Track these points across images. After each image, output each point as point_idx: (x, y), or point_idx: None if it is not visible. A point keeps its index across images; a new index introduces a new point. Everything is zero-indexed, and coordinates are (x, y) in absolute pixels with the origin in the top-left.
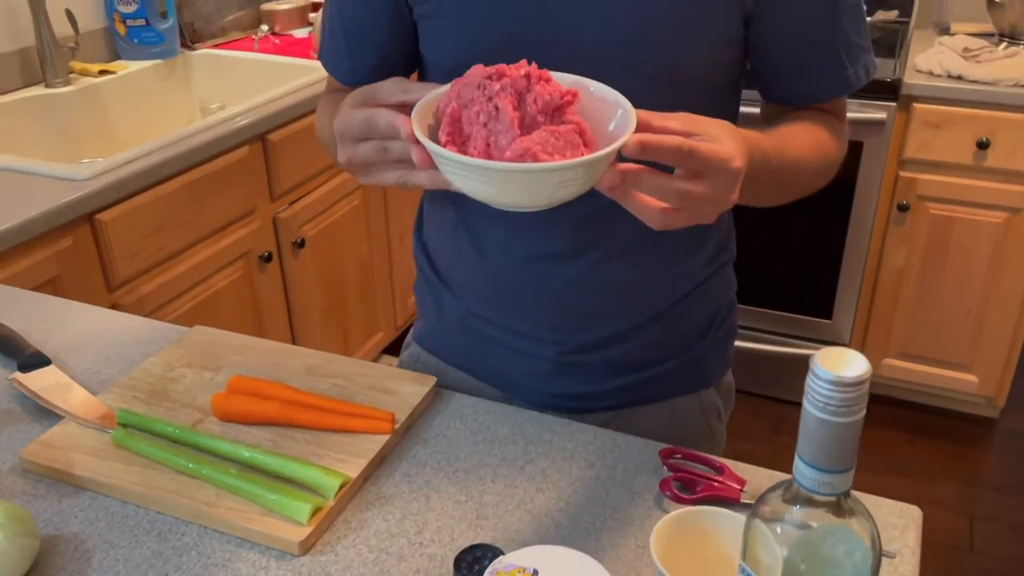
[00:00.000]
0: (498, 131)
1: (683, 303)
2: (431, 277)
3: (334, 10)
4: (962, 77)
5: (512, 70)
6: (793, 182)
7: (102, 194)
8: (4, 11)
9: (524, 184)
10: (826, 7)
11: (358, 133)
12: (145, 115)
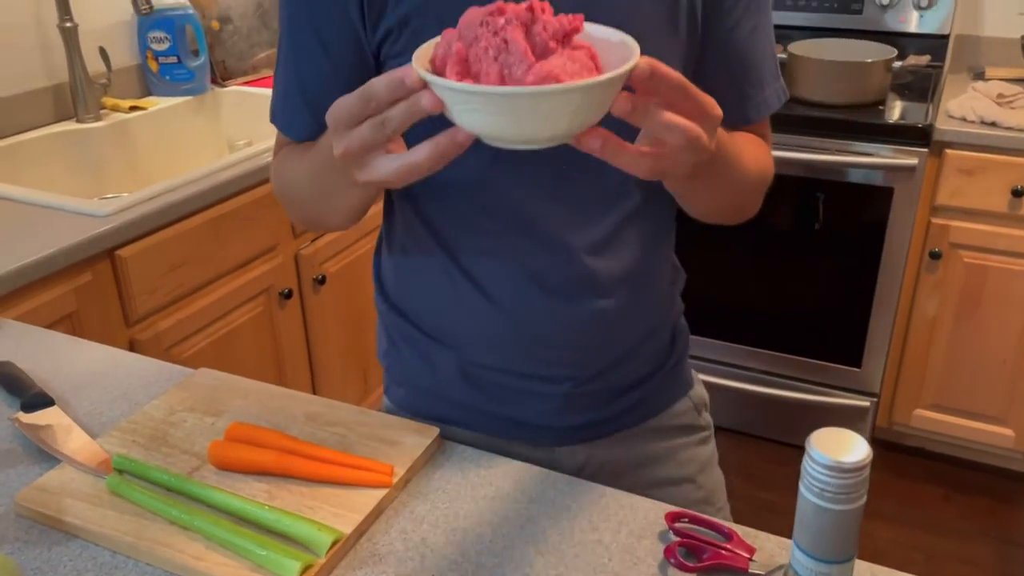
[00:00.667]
0: (511, 63)
1: (663, 318)
2: (414, 336)
3: (289, 69)
4: (996, 124)
5: (512, 5)
6: (742, 177)
7: (123, 230)
8: (39, 47)
9: (551, 106)
10: (747, 33)
11: (352, 114)
12: (173, 151)
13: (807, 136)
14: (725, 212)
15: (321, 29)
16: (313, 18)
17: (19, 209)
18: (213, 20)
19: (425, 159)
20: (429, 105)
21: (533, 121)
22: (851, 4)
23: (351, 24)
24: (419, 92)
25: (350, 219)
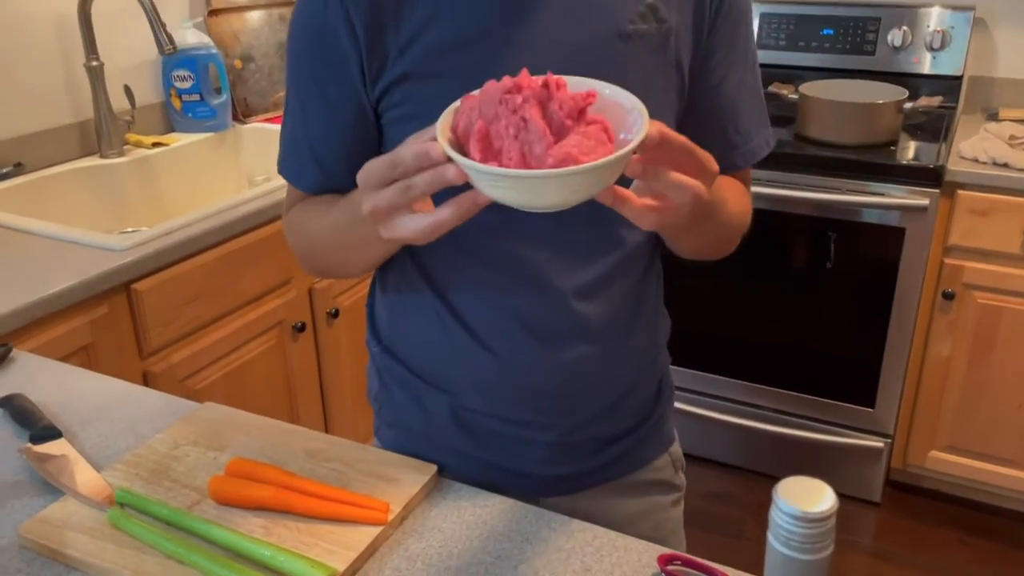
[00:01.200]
0: (530, 141)
1: (649, 369)
2: (407, 378)
3: (298, 125)
4: (1008, 165)
5: (529, 81)
6: (726, 221)
7: (140, 264)
8: (67, 85)
9: (568, 185)
10: (733, 86)
11: (382, 176)
12: (194, 185)
13: (819, 176)
14: (706, 252)
15: (324, 86)
16: (317, 76)
17: (40, 243)
18: (236, 59)
19: (449, 217)
20: (454, 177)
21: (552, 195)
22: (864, 46)
23: (352, 82)
24: (444, 165)
25: (369, 268)
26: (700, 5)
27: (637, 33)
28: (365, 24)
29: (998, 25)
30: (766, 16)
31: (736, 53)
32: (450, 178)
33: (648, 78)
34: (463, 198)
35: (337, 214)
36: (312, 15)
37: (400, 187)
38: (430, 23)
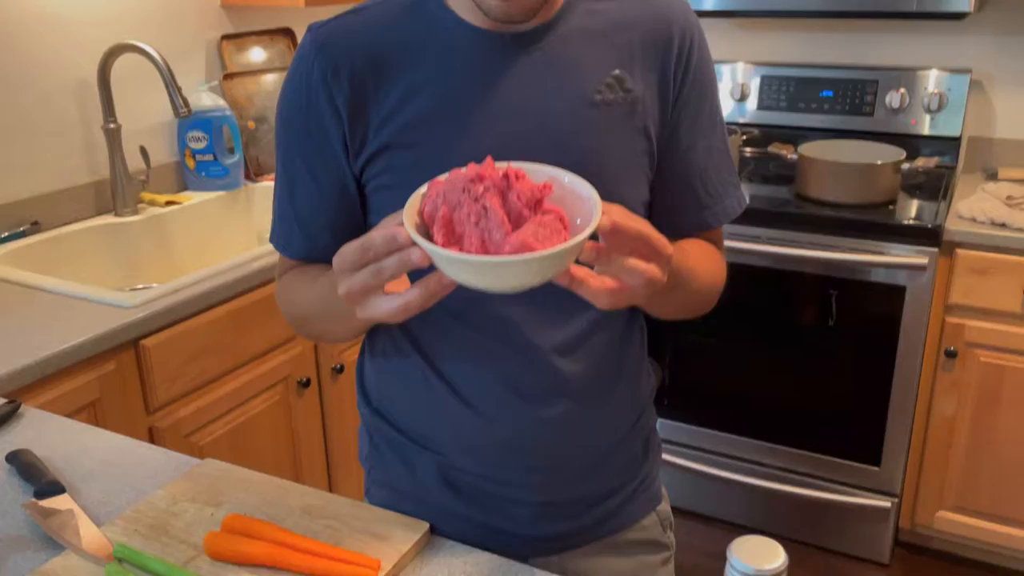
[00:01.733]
0: (490, 228)
1: (634, 426)
2: (396, 439)
3: (284, 195)
4: (1006, 225)
5: (491, 171)
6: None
7: (149, 320)
8: (85, 146)
9: (525, 270)
10: (702, 151)
11: (354, 260)
12: (205, 243)
13: (820, 234)
14: (680, 315)
15: (309, 160)
16: (302, 151)
17: (52, 300)
18: (249, 120)
19: (416, 299)
20: (419, 260)
21: (510, 279)
22: (862, 107)
23: (336, 156)
24: (410, 249)
25: (356, 335)
26: (664, 77)
27: (605, 102)
28: (347, 102)
29: (995, 87)
30: (766, 78)
31: (702, 120)
32: (415, 261)
33: (618, 143)
34: (429, 280)
35: (320, 288)
36: (297, 95)
37: (371, 270)
38: (409, 96)
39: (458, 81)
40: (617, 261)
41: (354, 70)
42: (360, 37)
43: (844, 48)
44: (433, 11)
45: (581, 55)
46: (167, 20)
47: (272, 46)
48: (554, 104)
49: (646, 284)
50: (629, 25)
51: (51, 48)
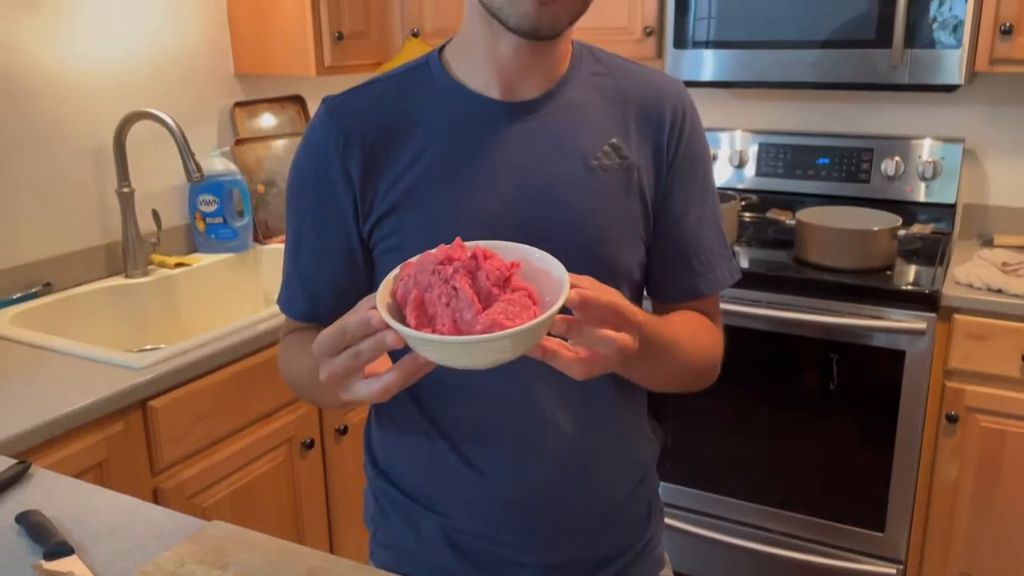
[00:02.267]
0: (460, 308)
1: (636, 489)
2: (401, 501)
3: (291, 259)
4: (1002, 291)
5: (459, 252)
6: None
7: (156, 382)
8: (98, 209)
9: (496, 348)
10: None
11: (332, 345)
12: (214, 304)
13: (819, 299)
14: (673, 386)
15: (319, 224)
16: (313, 215)
17: (63, 360)
18: (259, 184)
19: (395, 380)
20: (393, 343)
21: (482, 357)
22: (859, 174)
23: (345, 221)
24: (384, 332)
25: (344, 407)
26: (658, 147)
27: (602, 167)
28: (359, 169)
29: (988, 156)
30: (764, 146)
31: (694, 190)
32: (389, 343)
33: (615, 207)
34: (406, 361)
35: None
36: (310, 162)
37: (349, 354)
38: (415, 160)
39: (462, 145)
40: (588, 332)
41: (365, 140)
42: (371, 108)
43: (839, 117)
44: (439, 81)
45: (580, 124)
46: (183, 88)
47: (283, 112)
48: (554, 168)
49: (618, 352)
50: (625, 98)
51: (70, 114)
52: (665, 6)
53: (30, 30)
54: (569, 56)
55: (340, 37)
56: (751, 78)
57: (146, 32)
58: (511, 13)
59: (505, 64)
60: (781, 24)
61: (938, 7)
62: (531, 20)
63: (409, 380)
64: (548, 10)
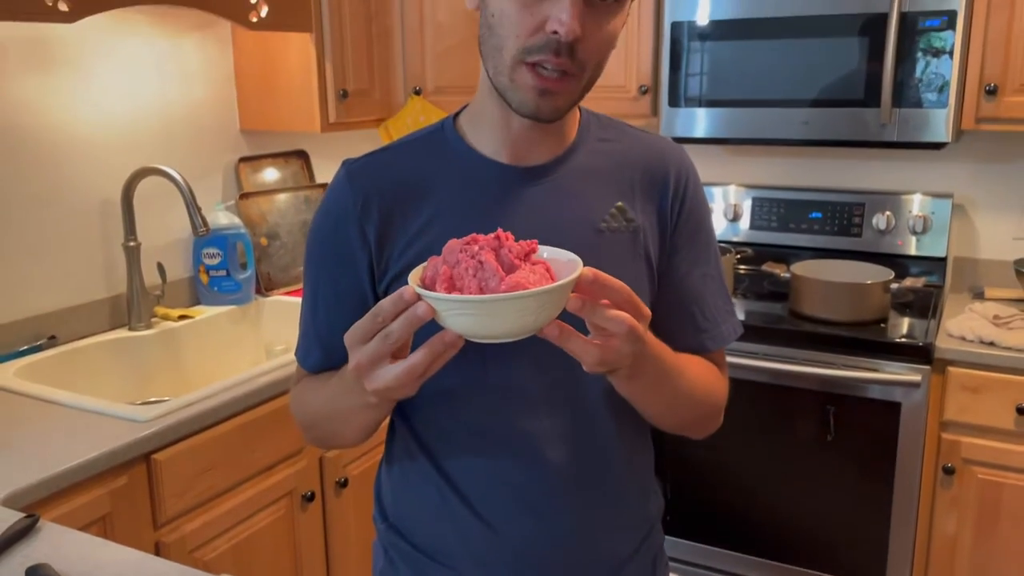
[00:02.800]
0: (486, 277)
1: (642, 544)
2: (411, 554)
3: (308, 313)
4: (994, 343)
5: (483, 236)
6: (687, 388)
7: (160, 435)
8: (104, 263)
9: (519, 307)
10: (698, 279)
11: (365, 330)
12: (215, 356)
13: (814, 351)
14: (677, 420)
15: (336, 283)
16: (330, 274)
17: (68, 414)
18: (262, 237)
19: (420, 360)
20: (423, 313)
21: (506, 319)
22: (851, 228)
23: (360, 279)
24: (415, 303)
25: (362, 436)
26: (662, 210)
27: (609, 229)
28: (376, 231)
29: (976, 211)
30: (758, 200)
31: (698, 249)
32: (420, 314)
33: (622, 267)
34: (433, 339)
35: (332, 386)
36: (329, 222)
37: (380, 336)
38: (430, 222)
39: (475, 208)
40: (600, 310)
41: (383, 202)
42: (388, 172)
43: (831, 172)
44: (453, 145)
45: (587, 188)
46: (189, 144)
47: (286, 167)
48: (563, 230)
49: (628, 335)
50: (630, 163)
51: (79, 170)
52: (660, 65)
53: (42, 89)
54: (577, 123)
55: (344, 95)
56: (744, 135)
57: (154, 89)
58: (513, 99)
59: (515, 135)
60: (772, 84)
61: (924, 68)
62: (532, 108)
63: (435, 360)
64: (547, 101)
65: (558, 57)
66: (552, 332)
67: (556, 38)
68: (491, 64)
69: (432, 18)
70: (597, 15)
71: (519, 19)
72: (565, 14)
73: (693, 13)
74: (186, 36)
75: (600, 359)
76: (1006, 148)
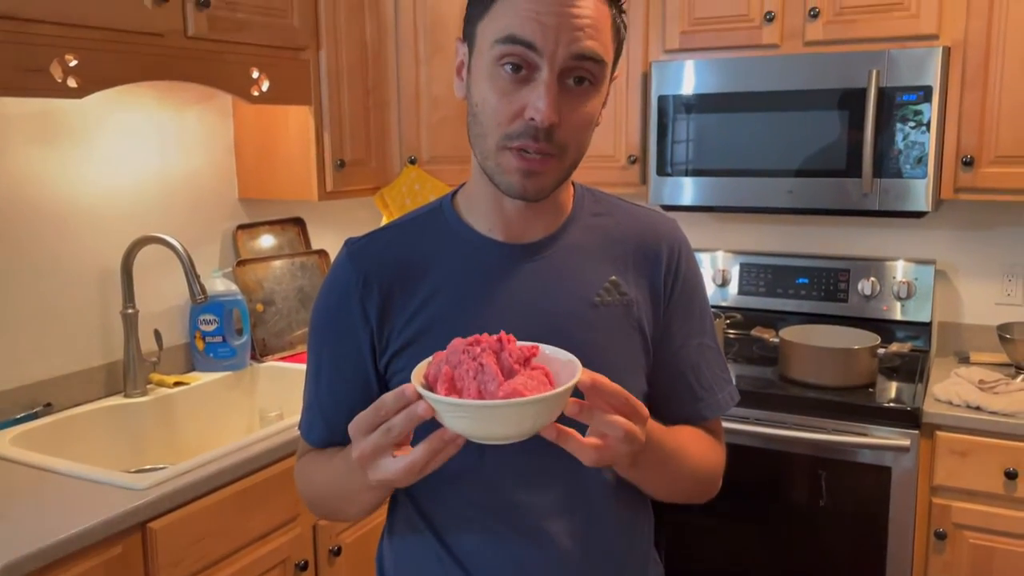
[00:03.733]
0: (486, 381)
1: None
2: None
3: (311, 388)
4: (981, 408)
5: (486, 336)
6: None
7: (157, 504)
8: (101, 330)
9: (517, 413)
10: (694, 348)
11: (368, 422)
12: (209, 422)
13: (804, 415)
14: (679, 495)
15: (338, 359)
16: (332, 351)
17: (63, 482)
18: (258, 303)
19: (421, 456)
20: (423, 412)
21: (504, 424)
22: (837, 294)
23: (362, 355)
24: (416, 402)
25: (366, 513)
26: (655, 284)
27: (603, 303)
28: (377, 308)
29: (958, 277)
30: (746, 266)
31: (693, 320)
32: (420, 413)
33: (617, 340)
34: (432, 436)
35: (336, 465)
36: (332, 299)
37: (382, 429)
38: (429, 299)
39: (472, 285)
40: (598, 415)
41: (383, 280)
42: (389, 251)
43: (816, 239)
44: (451, 224)
45: (581, 263)
46: (190, 212)
47: (283, 234)
48: (559, 305)
49: (625, 438)
50: (623, 238)
51: (80, 239)
52: (648, 136)
53: (45, 161)
54: (571, 198)
55: (341, 164)
56: (731, 203)
57: (156, 159)
58: (501, 182)
59: (508, 215)
60: (757, 154)
61: (903, 140)
62: (518, 190)
63: (435, 457)
64: (533, 182)
65: (537, 142)
66: (550, 434)
67: (534, 124)
68: (479, 150)
69: (428, 91)
70: (573, 99)
71: (499, 107)
72: (541, 102)
73: (679, 87)
74: (188, 108)
75: (598, 459)
76: (985, 216)
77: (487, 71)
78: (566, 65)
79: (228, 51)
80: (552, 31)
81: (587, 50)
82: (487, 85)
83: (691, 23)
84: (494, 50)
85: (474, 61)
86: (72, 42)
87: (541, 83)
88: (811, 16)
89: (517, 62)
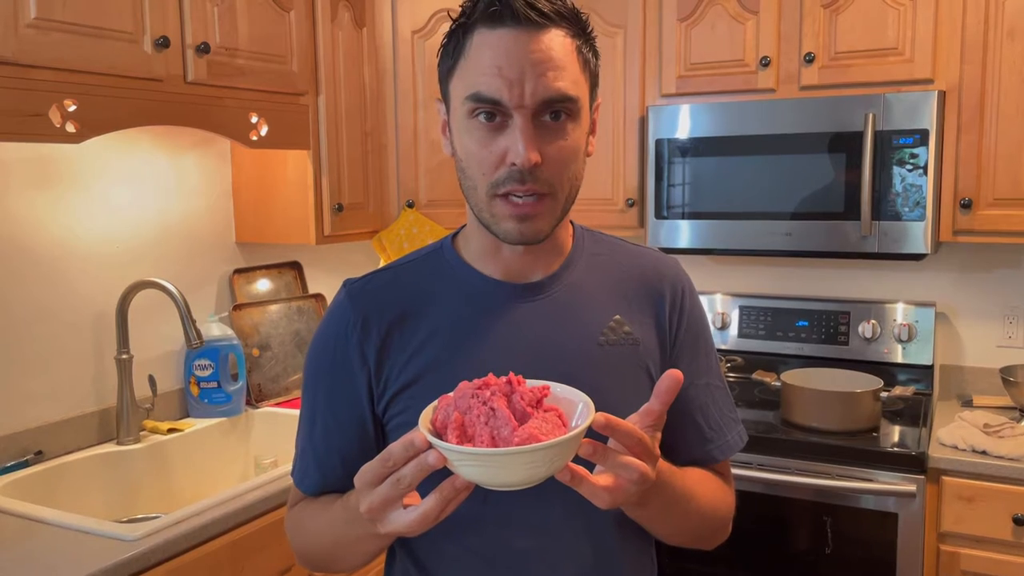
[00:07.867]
0: (498, 426)
1: None
2: None
3: (306, 433)
4: (987, 452)
5: (495, 379)
6: (696, 508)
7: (149, 555)
8: (95, 376)
9: (532, 460)
10: (702, 389)
11: (376, 474)
12: (203, 469)
13: (807, 460)
14: (687, 538)
15: (334, 403)
16: (328, 395)
17: (54, 533)
18: (254, 348)
19: (433, 507)
20: (434, 461)
21: (518, 470)
22: (837, 336)
23: (359, 397)
24: (427, 452)
25: (364, 563)
26: (659, 323)
27: (608, 343)
28: (375, 350)
29: (959, 319)
30: (745, 308)
31: (699, 360)
32: (431, 463)
33: (622, 379)
34: (443, 485)
35: (334, 513)
36: (329, 341)
37: (391, 481)
38: (429, 340)
39: (473, 325)
40: (612, 457)
41: (382, 322)
42: (388, 291)
43: (816, 282)
44: (452, 265)
45: (584, 302)
46: (186, 256)
47: (279, 278)
48: (563, 345)
49: (639, 479)
50: (624, 277)
51: (75, 284)
52: (645, 180)
53: (42, 206)
54: (571, 237)
55: (340, 208)
56: (729, 246)
57: (153, 203)
58: (498, 231)
59: (507, 259)
60: (754, 196)
61: (901, 183)
62: (516, 236)
63: (447, 506)
64: (528, 225)
65: (524, 184)
66: (565, 477)
67: (517, 168)
68: (472, 202)
69: (425, 135)
70: (552, 135)
71: (481, 157)
72: (519, 144)
73: (676, 131)
74: (187, 153)
75: (611, 501)
76: (984, 258)
77: (464, 125)
78: (537, 108)
79: (227, 96)
80: (517, 83)
81: (554, 93)
82: (467, 138)
83: (687, 68)
84: (465, 106)
85: (452, 118)
86: (71, 87)
87: (516, 128)
88: (806, 61)
89: (489, 111)
